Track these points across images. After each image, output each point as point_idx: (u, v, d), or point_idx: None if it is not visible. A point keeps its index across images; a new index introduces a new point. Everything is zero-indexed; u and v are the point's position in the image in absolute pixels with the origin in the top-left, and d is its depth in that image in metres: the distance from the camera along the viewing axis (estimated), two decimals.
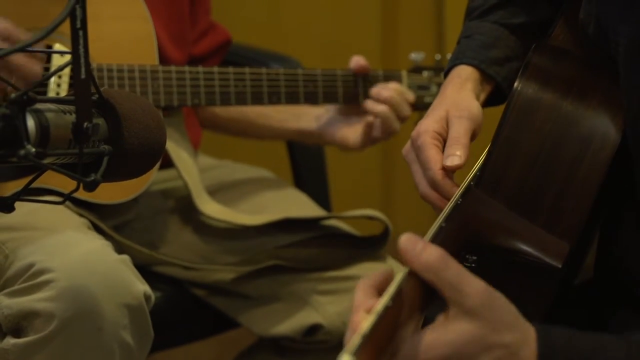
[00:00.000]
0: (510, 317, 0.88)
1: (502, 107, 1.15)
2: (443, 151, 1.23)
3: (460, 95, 1.30)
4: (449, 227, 1.05)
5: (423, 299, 0.89)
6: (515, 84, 1.13)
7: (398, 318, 0.86)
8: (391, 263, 1.76)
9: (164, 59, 1.74)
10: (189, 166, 1.77)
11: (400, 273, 0.89)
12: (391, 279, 0.90)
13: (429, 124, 1.25)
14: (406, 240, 0.88)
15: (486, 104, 1.34)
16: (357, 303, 0.89)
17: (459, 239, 1.05)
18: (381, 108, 1.76)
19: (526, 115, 1.10)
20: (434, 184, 1.22)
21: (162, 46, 1.74)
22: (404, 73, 1.84)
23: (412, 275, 0.88)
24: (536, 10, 1.35)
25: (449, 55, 1.85)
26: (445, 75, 1.36)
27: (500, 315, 0.88)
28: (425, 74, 1.85)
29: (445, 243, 0.96)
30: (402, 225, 2.80)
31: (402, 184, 2.86)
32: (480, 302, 0.87)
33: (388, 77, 1.82)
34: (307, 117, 1.85)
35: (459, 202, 1.11)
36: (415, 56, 1.85)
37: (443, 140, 1.25)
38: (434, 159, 1.22)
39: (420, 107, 1.85)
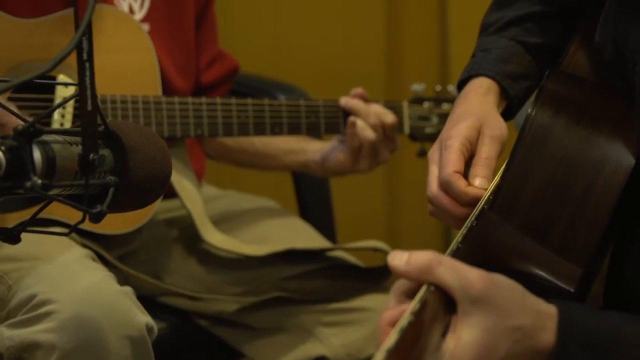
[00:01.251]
0: (517, 297, 0.88)
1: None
2: (466, 159, 1.24)
3: (489, 109, 1.30)
4: (464, 248, 1.05)
5: (445, 309, 0.89)
6: (529, 110, 1.13)
7: (422, 330, 0.86)
8: None
9: (169, 89, 1.75)
10: (193, 196, 1.77)
11: (423, 287, 0.89)
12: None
13: (460, 130, 1.25)
14: (392, 257, 0.89)
15: None
16: (389, 308, 0.89)
17: (474, 260, 1.05)
18: (365, 134, 1.76)
19: (540, 141, 1.11)
20: (446, 185, 1.22)
21: (167, 76, 1.75)
22: (404, 104, 1.84)
23: (432, 287, 0.88)
24: (550, 33, 1.36)
25: (450, 87, 1.87)
26: (460, 85, 1.37)
27: (507, 296, 0.87)
28: (426, 104, 1.86)
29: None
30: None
31: (406, 213, 2.85)
32: (483, 286, 0.86)
33: (389, 108, 1.82)
34: (312, 150, 1.86)
35: (473, 224, 1.11)
36: (416, 87, 1.86)
37: (470, 149, 1.25)
38: (454, 162, 1.22)
39: (420, 137, 1.86)
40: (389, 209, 2.86)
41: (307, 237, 1.84)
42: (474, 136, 1.25)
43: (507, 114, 1.35)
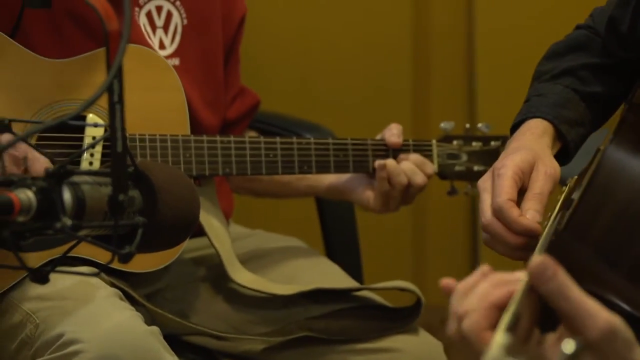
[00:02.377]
0: (625, 352, 0.85)
1: None
2: (518, 189, 1.23)
3: (544, 148, 1.30)
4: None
5: (540, 319, 0.87)
6: (612, 136, 1.14)
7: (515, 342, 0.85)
8: (423, 335, 1.75)
9: (198, 125, 1.75)
10: (221, 234, 1.77)
11: (514, 298, 0.86)
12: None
13: (515, 160, 1.26)
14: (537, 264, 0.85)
15: None
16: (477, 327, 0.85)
17: None
18: (398, 179, 1.76)
19: (621, 166, 1.12)
20: (499, 212, 1.22)
21: (196, 111, 1.75)
22: (433, 142, 1.84)
23: (528, 296, 0.86)
24: (605, 83, 1.37)
25: (479, 125, 1.87)
26: (513, 128, 1.37)
27: (619, 350, 0.84)
28: (455, 142, 1.85)
29: None
30: (434, 292, 2.79)
31: (433, 252, 2.84)
32: (602, 330, 0.82)
33: (418, 147, 1.82)
34: (330, 175, 1.85)
35: (548, 243, 1.11)
36: (445, 125, 1.86)
37: (522, 180, 1.25)
38: (508, 190, 1.23)
39: (449, 175, 1.85)
40: (416, 248, 2.85)
41: (334, 277, 1.83)
42: (527, 168, 1.26)
43: (561, 158, 1.35)
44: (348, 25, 2.73)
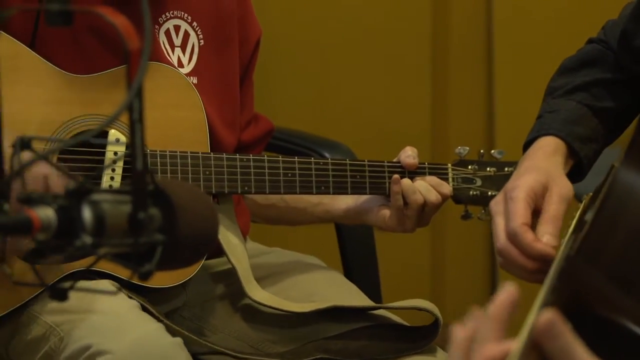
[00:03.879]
0: None
1: None
2: (531, 211, 1.22)
3: (556, 168, 1.29)
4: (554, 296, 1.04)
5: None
6: (623, 158, 1.13)
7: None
8: (441, 356, 1.74)
9: (217, 143, 1.76)
10: (239, 252, 1.77)
11: (516, 346, 0.85)
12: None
13: (527, 181, 1.25)
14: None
15: None
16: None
17: (558, 304, 1.03)
18: (413, 197, 1.75)
19: (632, 189, 1.11)
20: (514, 236, 1.21)
21: (215, 131, 1.76)
22: (449, 166, 1.85)
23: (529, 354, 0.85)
24: (618, 99, 1.36)
25: (492, 151, 1.87)
26: (526, 146, 1.36)
27: None
28: (470, 167, 1.86)
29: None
30: (452, 311, 2.78)
31: (451, 272, 2.84)
32: None
33: (433, 169, 1.82)
34: (343, 201, 1.85)
35: (560, 268, 1.10)
36: (461, 150, 1.87)
37: (534, 202, 1.24)
38: (521, 213, 1.21)
39: (464, 200, 1.85)
40: (434, 267, 2.85)
41: (351, 295, 1.83)
42: (539, 190, 1.25)
43: (575, 175, 1.34)
44: (367, 44, 2.74)
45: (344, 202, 1.85)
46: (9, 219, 0.91)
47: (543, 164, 1.29)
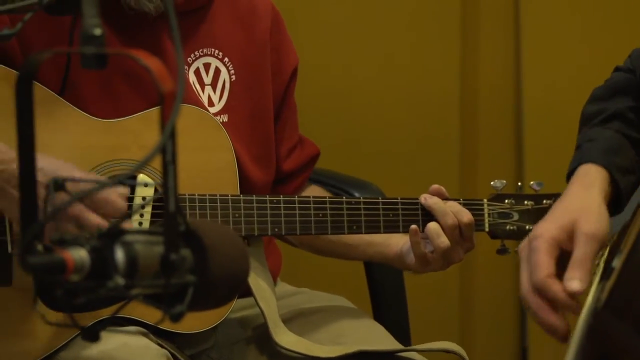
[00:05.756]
0: None
1: None
2: (557, 258, 1.21)
3: (589, 205, 1.27)
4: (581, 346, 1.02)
5: None
6: None
7: None
8: None
9: (247, 181, 1.75)
10: (267, 296, 1.76)
11: None
12: None
13: (548, 228, 1.23)
14: None
15: None
16: None
17: (589, 357, 1.02)
18: (439, 241, 1.73)
19: None
20: (537, 289, 1.19)
21: (245, 168, 1.75)
22: (485, 201, 1.83)
23: None
24: None
25: (531, 183, 1.85)
26: (568, 177, 1.35)
27: None
28: (507, 201, 1.84)
29: None
30: (481, 354, 2.76)
31: (481, 313, 2.82)
32: None
33: (468, 205, 1.80)
34: (395, 243, 1.83)
35: (587, 325, 1.08)
36: (497, 184, 1.85)
37: (559, 247, 1.22)
38: (543, 264, 1.20)
39: (500, 235, 1.83)
40: (463, 309, 2.83)
41: (379, 338, 1.81)
42: (563, 238, 1.23)
43: (613, 207, 1.32)
44: (396, 82, 2.74)
45: (396, 244, 1.82)
46: (43, 260, 0.91)
47: (575, 202, 1.27)
